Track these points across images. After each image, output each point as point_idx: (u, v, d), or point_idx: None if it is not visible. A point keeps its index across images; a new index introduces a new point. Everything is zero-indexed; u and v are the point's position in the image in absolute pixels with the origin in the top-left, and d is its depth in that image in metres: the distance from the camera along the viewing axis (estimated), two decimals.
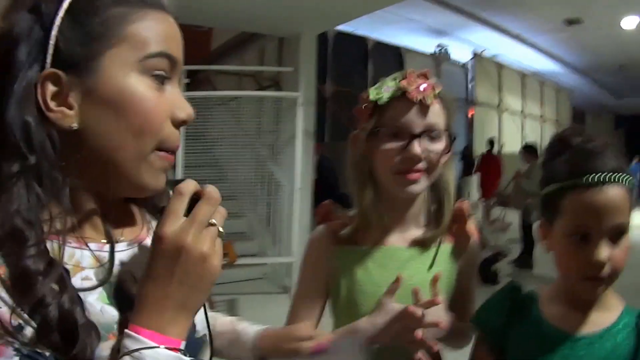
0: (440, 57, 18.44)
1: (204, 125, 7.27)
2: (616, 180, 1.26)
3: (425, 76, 1.50)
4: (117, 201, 0.98)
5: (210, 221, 0.85)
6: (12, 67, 0.83)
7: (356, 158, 1.57)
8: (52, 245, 0.82)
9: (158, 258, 0.83)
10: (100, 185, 0.90)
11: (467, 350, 1.60)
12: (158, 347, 0.79)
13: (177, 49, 0.91)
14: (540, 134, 22.92)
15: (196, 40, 9.51)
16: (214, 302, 5.75)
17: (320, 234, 1.65)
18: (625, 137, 34.91)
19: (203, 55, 9.87)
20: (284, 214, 7.56)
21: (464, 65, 19.64)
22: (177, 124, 0.91)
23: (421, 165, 1.49)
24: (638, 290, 8.10)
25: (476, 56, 18.44)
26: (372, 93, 1.52)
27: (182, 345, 0.83)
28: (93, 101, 0.85)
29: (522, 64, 20.28)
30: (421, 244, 1.59)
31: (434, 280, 1.43)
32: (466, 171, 17.56)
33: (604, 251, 1.26)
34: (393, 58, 16.95)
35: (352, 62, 15.66)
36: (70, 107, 0.85)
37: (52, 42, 0.84)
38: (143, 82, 0.86)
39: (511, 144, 19.49)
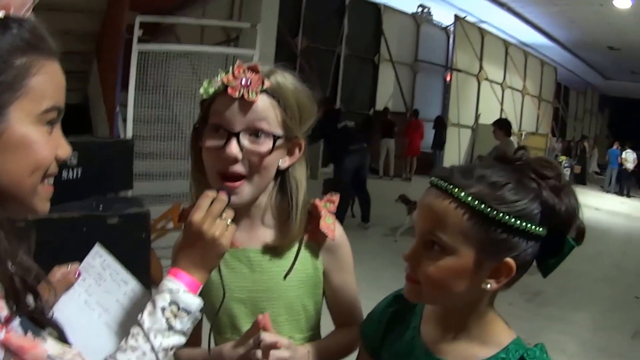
0: (421, 18, 18.80)
1: (162, 79, 7.40)
2: (442, 188, 1.25)
3: (254, 70, 1.46)
4: None
5: (221, 216, 1.35)
6: None
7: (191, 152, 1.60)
8: None
9: (187, 235, 1.34)
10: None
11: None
12: (187, 290, 1.30)
13: (63, 97, 1.14)
14: (521, 108, 23.49)
15: None
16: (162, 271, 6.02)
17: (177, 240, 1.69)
18: (609, 119, 36.18)
19: (167, 4, 9.80)
20: None
21: (446, 29, 19.99)
22: (58, 160, 1.14)
23: (240, 167, 1.47)
24: (606, 278, 8.61)
25: (458, 20, 18.75)
26: (203, 87, 1.51)
27: (200, 288, 1.34)
28: None
29: (506, 34, 20.66)
30: (267, 247, 1.60)
31: (263, 323, 1.49)
32: (439, 143, 18.24)
33: (410, 249, 1.31)
34: (371, 15, 17.23)
35: (327, 17, 15.89)
36: None
37: None
38: (40, 130, 1.08)
39: (488, 116, 19.98)
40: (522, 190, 1.23)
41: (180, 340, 1.29)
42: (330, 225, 1.61)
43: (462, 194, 1.22)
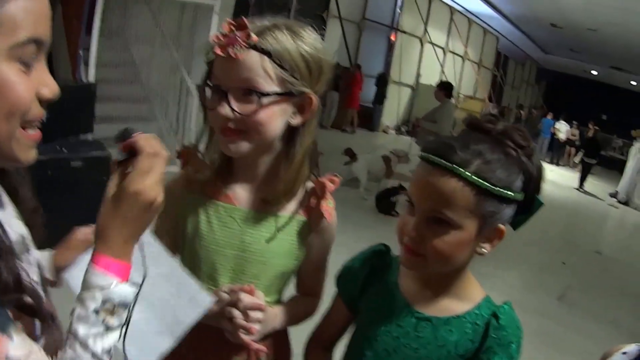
0: None
1: (123, 23, 7.53)
2: (448, 168, 1.27)
3: (240, 26, 1.38)
4: None
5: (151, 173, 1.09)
6: None
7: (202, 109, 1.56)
8: None
9: (125, 205, 1.09)
10: None
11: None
12: (120, 282, 1.07)
13: (45, 28, 0.95)
14: (461, 72, 23.82)
15: None
16: None
17: (175, 178, 1.61)
18: (545, 91, 37.05)
19: None
20: (193, 124, 7.84)
21: None
22: (43, 101, 0.97)
23: (234, 125, 1.43)
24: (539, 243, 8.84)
25: None
26: (206, 48, 1.47)
27: (130, 269, 1.10)
28: None
29: (453, 0, 20.86)
30: (262, 209, 1.58)
31: (249, 291, 1.50)
32: (379, 98, 18.64)
33: (410, 223, 1.34)
34: None
35: None
36: None
37: None
38: (11, 68, 0.89)
39: (429, 77, 20.33)
40: (510, 163, 1.31)
41: (118, 334, 1.11)
42: (330, 208, 1.60)
43: (468, 173, 1.26)
